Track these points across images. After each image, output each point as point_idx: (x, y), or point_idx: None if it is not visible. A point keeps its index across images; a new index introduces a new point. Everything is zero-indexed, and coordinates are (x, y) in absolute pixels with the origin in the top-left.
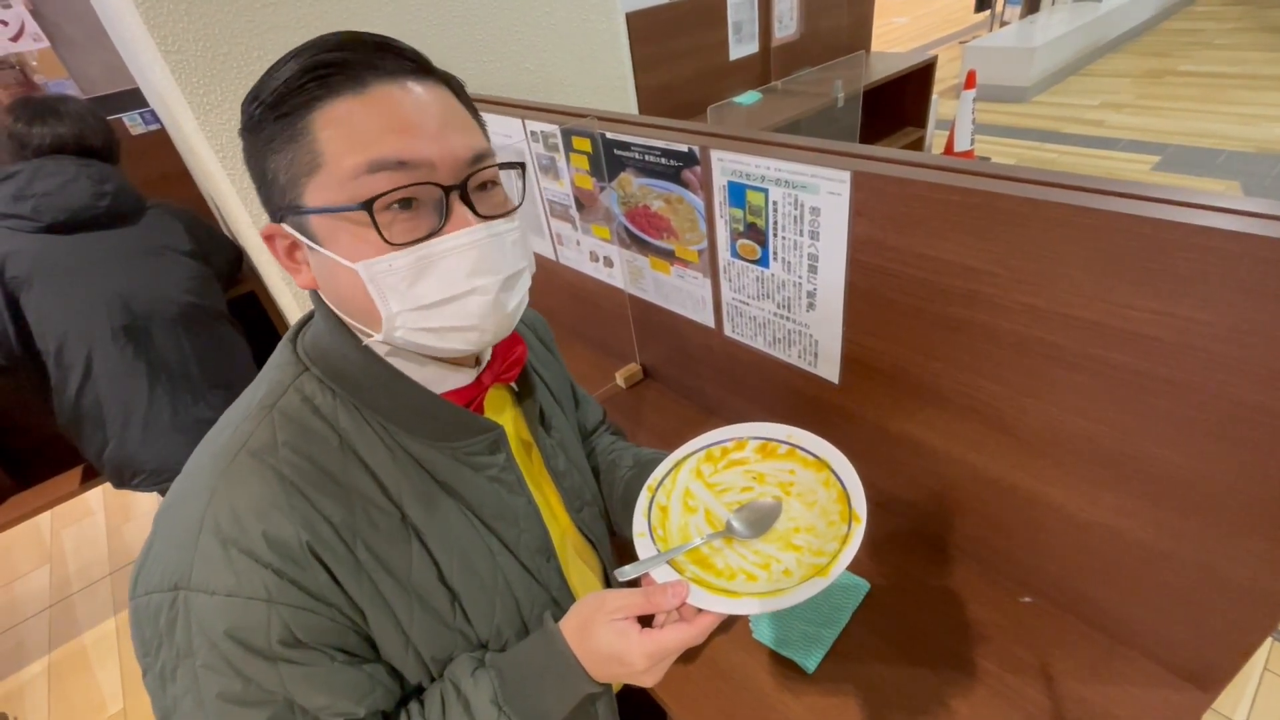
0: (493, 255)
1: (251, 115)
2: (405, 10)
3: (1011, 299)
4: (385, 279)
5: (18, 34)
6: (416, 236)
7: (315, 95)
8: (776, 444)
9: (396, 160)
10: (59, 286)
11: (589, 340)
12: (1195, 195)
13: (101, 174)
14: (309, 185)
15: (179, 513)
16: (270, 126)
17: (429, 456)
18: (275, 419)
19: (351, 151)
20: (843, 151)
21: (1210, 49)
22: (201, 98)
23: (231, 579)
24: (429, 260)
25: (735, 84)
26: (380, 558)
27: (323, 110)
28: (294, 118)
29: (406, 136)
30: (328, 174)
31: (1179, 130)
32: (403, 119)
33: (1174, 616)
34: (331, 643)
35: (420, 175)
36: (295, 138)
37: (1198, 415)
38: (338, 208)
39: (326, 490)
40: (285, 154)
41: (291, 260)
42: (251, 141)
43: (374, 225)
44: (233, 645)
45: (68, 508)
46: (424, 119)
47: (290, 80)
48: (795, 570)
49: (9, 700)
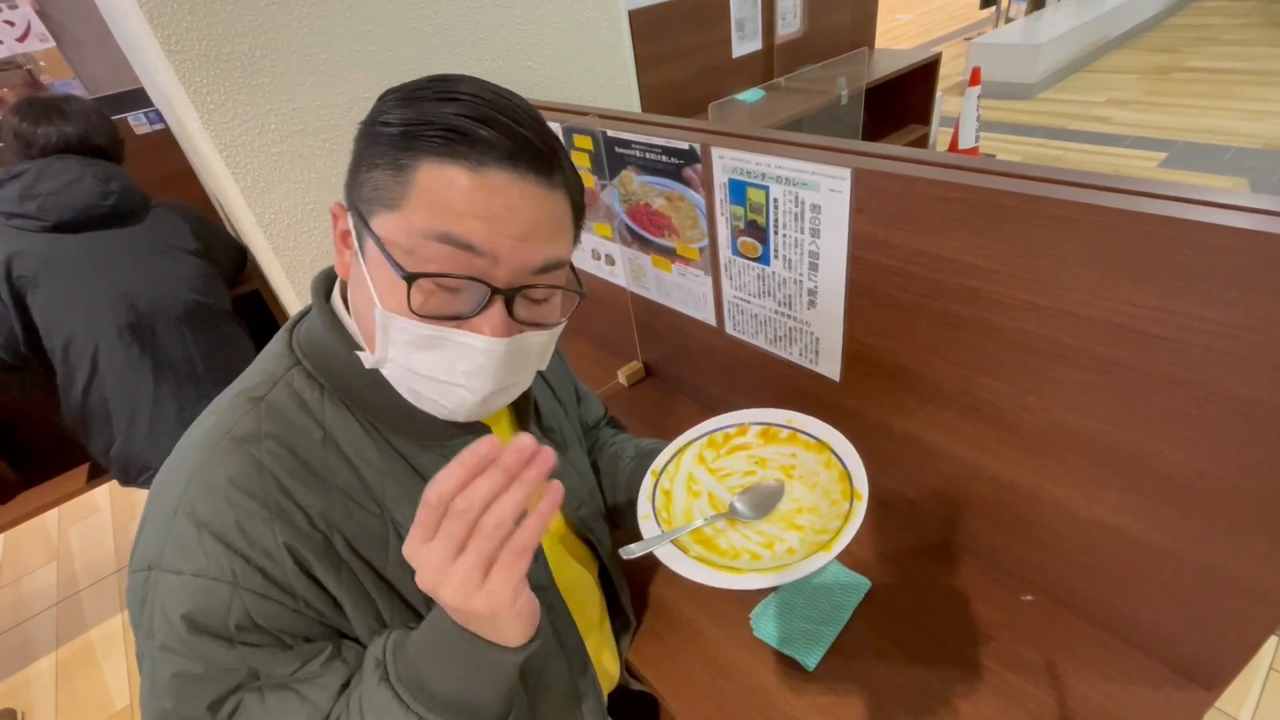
0: (501, 367)
1: (381, 124)
2: (409, 8)
3: (1013, 296)
4: (395, 332)
5: (24, 34)
6: (441, 314)
7: (439, 149)
8: (778, 428)
9: (466, 242)
10: (66, 285)
11: (591, 338)
12: (1197, 191)
13: (107, 173)
14: (384, 213)
15: (161, 494)
16: (383, 144)
17: (415, 453)
18: (262, 410)
19: (434, 215)
20: (843, 149)
21: (1218, 44)
22: (205, 97)
23: (201, 560)
24: (439, 340)
25: (738, 81)
26: (358, 550)
27: (436, 164)
28: (411, 153)
29: (488, 226)
30: (403, 216)
31: (1186, 126)
32: (496, 212)
33: (1176, 615)
34: (292, 631)
35: (476, 268)
36: (400, 169)
37: (1200, 413)
38: (392, 257)
39: (305, 481)
40: (384, 172)
41: (344, 244)
42: (369, 136)
43: (406, 296)
44: (186, 627)
45: (74, 505)
46: (516, 220)
47: (432, 123)
48: (799, 549)
49: (16, 696)
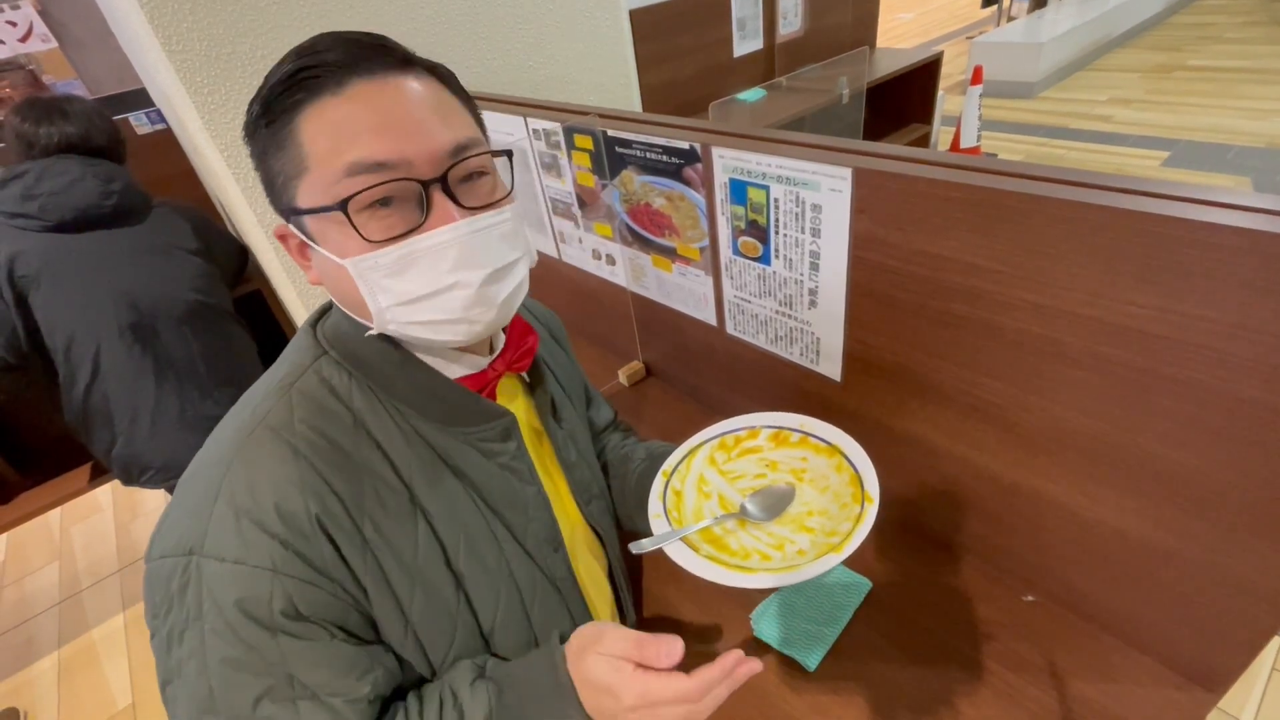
0: (476, 249)
1: (250, 119)
2: (407, 8)
3: (1014, 296)
4: (371, 275)
5: (26, 34)
6: (394, 233)
7: (299, 99)
8: (789, 432)
9: (372, 161)
10: (67, 285)
11: (592, 338)
12: (1199, 191)
13: (109, 173)
14: (300, 187)
15: (198, 482)
16: (263, 131)
17: (441, 440)
18: (293, 397)
19: (332, 154)
20: (843, 148)
21: (1221, 43)
22: (206, 97)
23: (240, 547)
24: (411, 257)
25: (739, 81)
26: (386, 536)
27: (306, 113)
28: (283, 121)
29: (382, 135)
30: (313, 177)
31: (1189, 125)
32: (380, 118)
33: (1178, 615)
34: (332, 619)
35: (396, 173)
36: (285, 141)
37: (1202, 413)
38: (321, 208)
39: (338, 466)
40: (279, 157)
41: (303, 258)
42: (253, 145)
43: (351, 225)
44: (238, 613)
45: (77, 505)
46: (402, 115)
47: (276, 86)
48: (809, 551)
49: (19, 695)
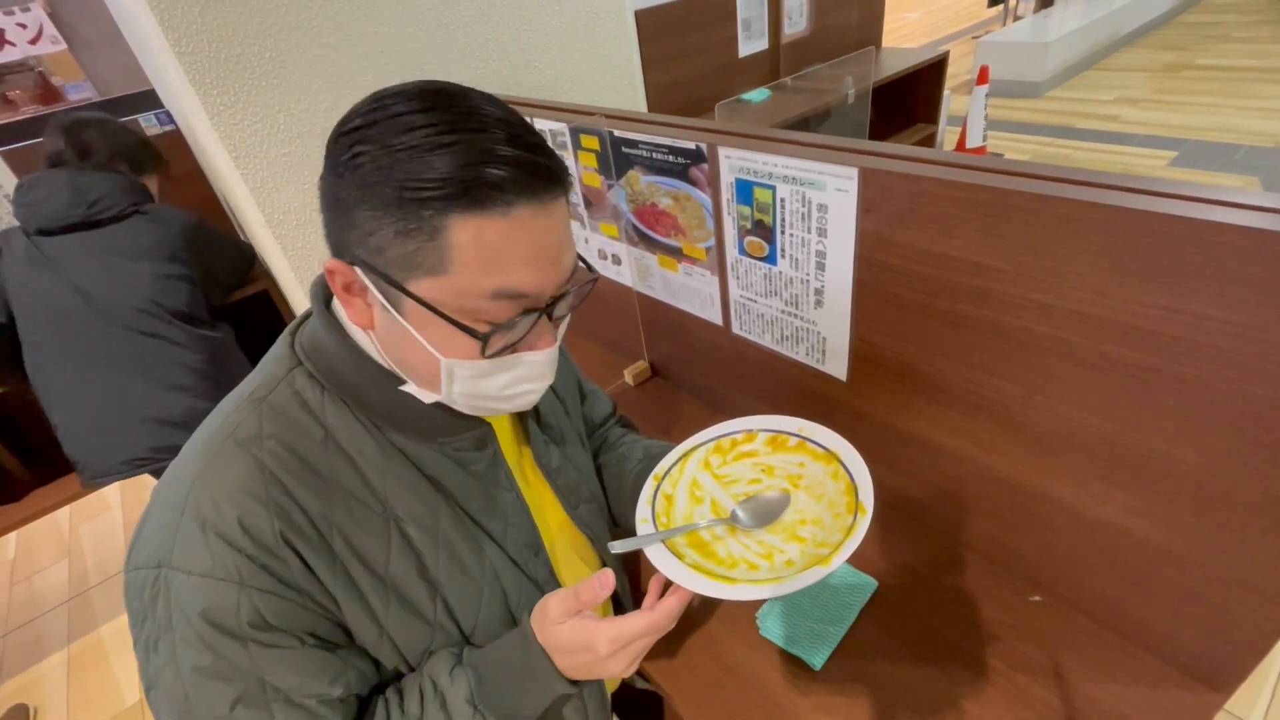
0: (550, 366)
1: (351, 159)
2: (415, 10)
3: (1020, 296)
4: (459, 371)
5: (36, 37)
6: (503, 348)
7: (462, 206)
8: (787, 436)
9: (518, 292)
10: (36, 275)
11: (597, 338)
12: (1207, 190)
13: (89, 185)
14: (424, 279)
15: (168, 493)
16: (393, 203)
17: (417, 452)
18: (264, 411)
19: (480, 274)
20: (849, 148)
21: (1229, 42)
22: (215, 99)
23: (206, 561)
24: (503, 365)
25: (745, 81)
26: (356, 549)
27: (464, 221)
28: (429, 211)
29: (533, 267)
30: (449, 281)
31: (1197, 125)
32: (533, 249)
33: (1185, 616)
34: (303, 627)
35: (530, 302)
36: (423, 229)
37: (1209, 413)
38: (452, 319)
39: (306, 481)
40: (402, 233)
41: (349, 295)
42: (358, 187)
43: (480, 350)
44: (205, 624)
45: (85, 503)
46: (552, 245)
47: (444, 182)
48: (798, 561)
49: (29, 691)
